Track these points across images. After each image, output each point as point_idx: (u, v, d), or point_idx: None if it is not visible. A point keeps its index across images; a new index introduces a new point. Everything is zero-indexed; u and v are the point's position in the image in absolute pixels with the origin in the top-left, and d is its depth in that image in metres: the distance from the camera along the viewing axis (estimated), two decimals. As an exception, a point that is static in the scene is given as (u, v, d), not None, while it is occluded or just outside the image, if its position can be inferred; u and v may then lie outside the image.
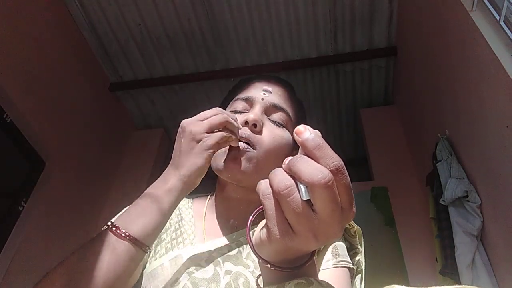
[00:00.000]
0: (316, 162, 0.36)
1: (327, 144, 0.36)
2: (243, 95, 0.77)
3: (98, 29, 2.79)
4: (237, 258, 0.67)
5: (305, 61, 2.88)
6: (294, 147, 0.75)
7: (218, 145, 0.63)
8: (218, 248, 0.69)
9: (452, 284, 0.71)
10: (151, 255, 0.71)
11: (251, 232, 0.44)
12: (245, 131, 0.69)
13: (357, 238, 0.76)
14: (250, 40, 2.77)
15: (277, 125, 0.73)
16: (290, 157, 0.38)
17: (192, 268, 0.65)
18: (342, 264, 0.68)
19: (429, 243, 2.11)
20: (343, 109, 3.28)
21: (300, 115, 0.82)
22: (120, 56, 2.94)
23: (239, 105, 0.76)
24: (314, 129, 0.38)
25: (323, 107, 3.26)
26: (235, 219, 0.75)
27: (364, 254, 0.76)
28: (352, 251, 0.77)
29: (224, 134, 0.63)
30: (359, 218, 0.76)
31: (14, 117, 2.22)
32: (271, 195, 0.38)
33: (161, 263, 0.68)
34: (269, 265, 0.42)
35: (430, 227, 2.10)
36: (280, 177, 0.37)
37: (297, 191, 0.36)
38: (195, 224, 0.77)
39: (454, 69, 1.84)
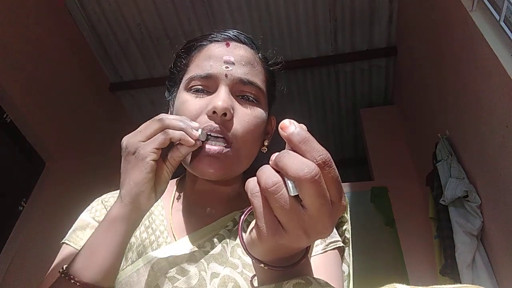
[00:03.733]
0: (303, 157, 0.35)
1: (313, 138, 0.35)
2: (201, 71, 0.62)
3: (98, 29, 2.79)
4: (222, 256, 0.61)
5: (305, 61, 2.88)
6: (268, 120, 0.69)
7: (157, 151, 0.53)
8: (198, 244, 0.63)
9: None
10: (121, 264, 0.62)
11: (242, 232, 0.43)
12: (214, 125, 0.59)
13: None
14: (250, 40, 2.77)
15: (248, 103, 0.63)
16: (277, 153, 0.36)
17: (173, 272, 0.58)
18: (331, 247, 0.65)
19: (429, 243, 2.10)
20: (343, 109, 3.28)
21: (269, 78, 0.69)
22: (120, 56, 2.94)
23: (197, 84, 0.62)
24: (313, 129, 0.37)
25: (323, 107, 3.26)
26: (212, 207, 0.68)
27: (351, 224, 0.74)
28: (338, 219, 0.74)
29: (164, 136, 0.53)
30: (359, 218, 0.76)
31: (14, 117, 2.23)
32: (259, 193, 0.37)
33: (136, 268, 0.61)
34: (262, 265, 0.41)
35: (430, 227, 2.10)
36: (267, 174, 0.36)
37: (285, 187, 0.35)
38: (166, 218, 0.68)
39: (454, 69, 1.84)
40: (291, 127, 0.36)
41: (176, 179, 0.76)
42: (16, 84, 2.20)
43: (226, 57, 0.62)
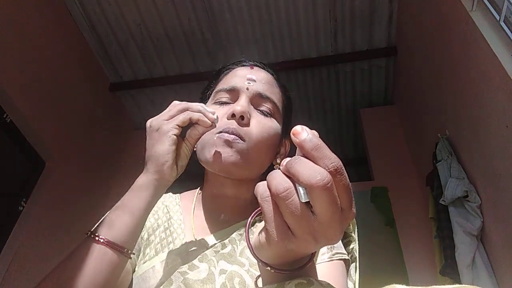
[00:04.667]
0: (315, 163, 0.35)
1: (325, 145, 0.36)
2: (226, 85, 0.73)
3: (98, 29, 2.79)
4: (231, 255, 0.65)
5: (305, 61, 2.88)
6: (282, 136, 0.75)
7: (179, 127, 0.61)
8: (211, 245, 0.67)
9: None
10: (139, 258, 0.69)
11: (250, 235, 0.44)
12: (232, 124, 0.66)
13: (351, 226, 0.76)
14: (250, 40, 2.77)
15: (264, 115, 0.71)
16: (288, 159, 0.37)
17: (185, 268, 0.63)
18: (337, 257, 0.67)
19: (429, 243, 2.11)
20: (343, 109, 3.28)
21: (286, 102, 0.79)
22: (120, 56, 2.94)
23: (222, 96, 0.73)
24: (313, 129, 0.37)
25: (323, 107, 3.26)
26: (226, 213, 0.73)
27: (358, 241, 0.75)
28: (346, 239, 0.76)
29: (184, 115, 0.61)
30: (359, 218, 0.76)
31: (14, 117, 2.23)
32: (270, 197, 0.37)
33: (152, 265, 0.66)
34: (269, 268, 0.42)
35: (430, 227, 2.10)
36: (278, 179, 0.36)
37: (296, 194, 0.35)
38: (184, 222, 0.74)
39: (454, 69, 1.84)
40: (303, 134, 0.36)
41: (196, 189, 0.83)
42: (16, 84, 2.19)
43: (249, 76, 0.73)
